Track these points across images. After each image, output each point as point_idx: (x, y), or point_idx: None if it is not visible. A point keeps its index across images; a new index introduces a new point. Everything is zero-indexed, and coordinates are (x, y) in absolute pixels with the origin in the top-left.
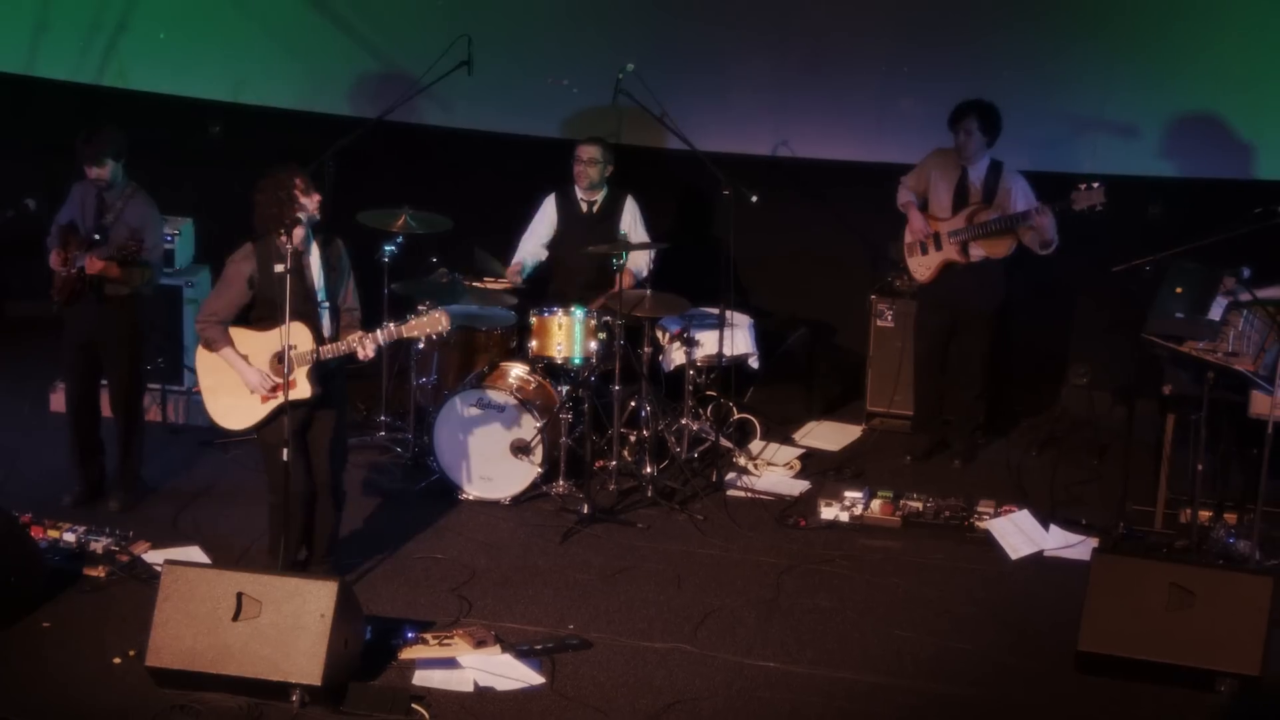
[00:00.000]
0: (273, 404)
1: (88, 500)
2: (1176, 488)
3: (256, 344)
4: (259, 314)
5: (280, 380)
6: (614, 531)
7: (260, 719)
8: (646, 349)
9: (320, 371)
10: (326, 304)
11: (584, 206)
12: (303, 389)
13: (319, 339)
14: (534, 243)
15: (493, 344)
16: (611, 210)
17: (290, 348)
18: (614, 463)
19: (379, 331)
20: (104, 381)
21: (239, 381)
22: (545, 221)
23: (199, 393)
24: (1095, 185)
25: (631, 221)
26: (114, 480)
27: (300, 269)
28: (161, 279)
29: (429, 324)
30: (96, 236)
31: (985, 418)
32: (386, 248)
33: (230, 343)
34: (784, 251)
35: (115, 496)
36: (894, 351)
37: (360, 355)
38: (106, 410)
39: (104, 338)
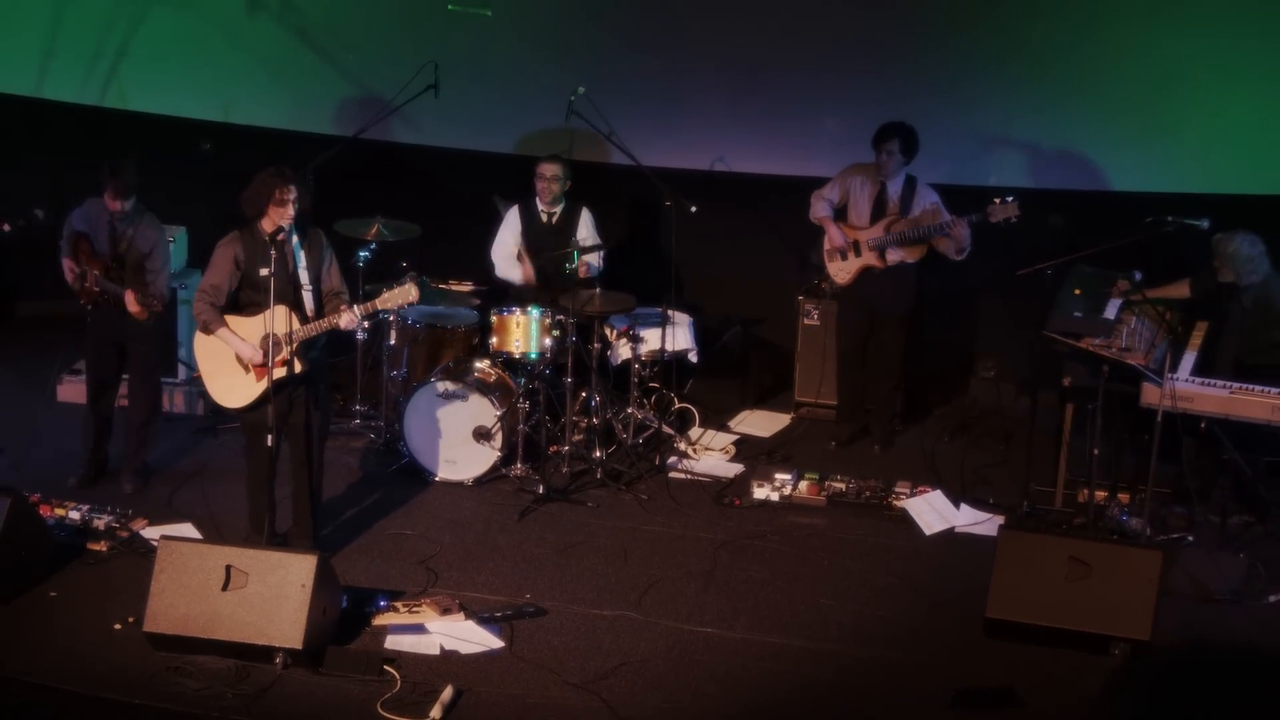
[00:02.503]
0: (266, 381)
1: (91, 483)
2: (1075, 470)
3: (246, 329)
4: (246, 299)
5: (274, 355)
6: (566, 510)
7: (247, 679)
8: (596, 344)
9: (306, 349)
10: (309, 287)
11: (544, 217)
12: (292, 365)
13: (303, 319)
14: (505, 254)
15: (457, 340)
16: (569, 221)
17: (276, 335)
18: (566, 448)
19: (356, 306)
20: (124, 376)
21: (235, 364)
22: (511, 231)
23: (199, 378)
24: (1010, 199)
25: (587, 231)
26: (124, 465)
27: (282, 256)
28: (167, 291)
29: (400, 295)
30: (112, 264)
31: (902, 407)
32: (361, 253)
33: (225, 323)
34: (720, 256)
35: (129, 481)
36: (820, 347)
37: (344, 325)
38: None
39: (128, 340)
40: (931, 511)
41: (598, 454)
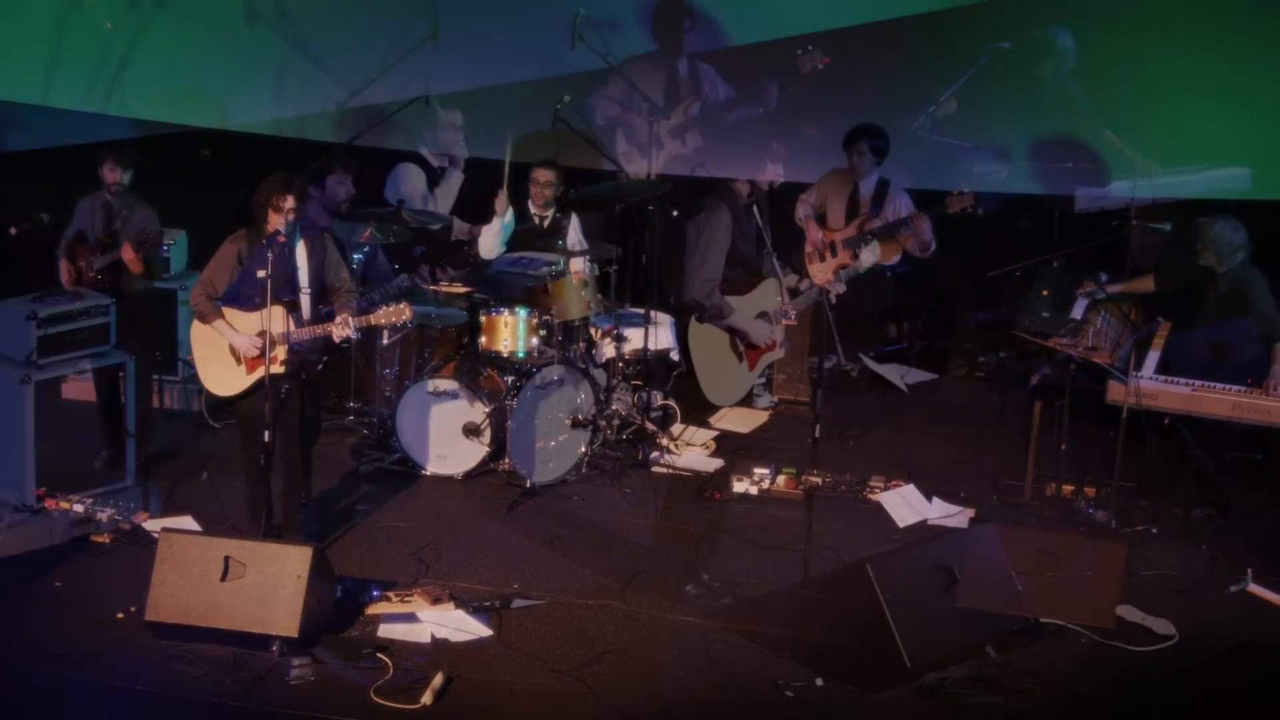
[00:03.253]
0: (255, 375)
1: (115, 463)
2: (1043, 465)
3: (241, 323)
4: (247, 296)
5: (265, 349)
6: (553, 503)
7: (244, 666)
8: (581, 344)
9: (298, 350)
10: (307, 290)
11: (536, 220)
12: (285, 364)
13: (299, 322)
14: (494, 238)
15: (447, 339)
16: (560, 225)
17: (270, 332)
18: (553, 443)
19: (351, 319)
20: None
21: (227, 355)
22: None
23: (193, 362)
24: (965, 191)
25: (576, 236)
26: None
27: (280, 258)
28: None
29: (394, 314)
30: (109, 241)
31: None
32: (355, 256)
33: (221, 315)
34: None
35: (130, 475)
36: (798, 347)
37: (336, 336)
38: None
39: (121, 331)
40: (905, 505)
41: (583, 449)
